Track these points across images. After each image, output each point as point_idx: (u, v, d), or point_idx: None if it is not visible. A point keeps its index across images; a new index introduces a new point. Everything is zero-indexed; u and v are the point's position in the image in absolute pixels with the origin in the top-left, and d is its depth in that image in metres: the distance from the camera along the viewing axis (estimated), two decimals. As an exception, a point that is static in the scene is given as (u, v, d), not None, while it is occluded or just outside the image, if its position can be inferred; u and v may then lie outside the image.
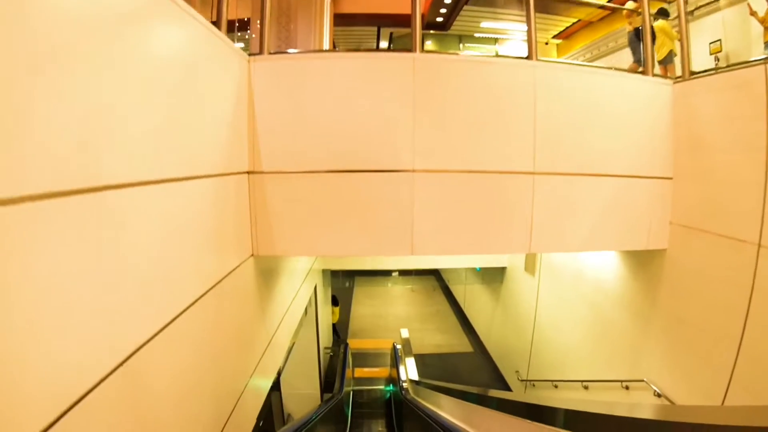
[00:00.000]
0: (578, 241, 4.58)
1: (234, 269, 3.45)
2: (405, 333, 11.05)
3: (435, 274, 22.62)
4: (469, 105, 4.07)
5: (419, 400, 7.14)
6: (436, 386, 7.12)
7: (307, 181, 3.86)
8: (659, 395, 5.34)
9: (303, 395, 9.86)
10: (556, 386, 8.10)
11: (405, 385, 8.52)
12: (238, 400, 3.58)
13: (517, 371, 10.17)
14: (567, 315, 7.94)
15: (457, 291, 17.86)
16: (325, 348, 10.89)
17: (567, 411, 2.09)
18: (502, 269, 11.62)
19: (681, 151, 4.67)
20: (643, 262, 5.60)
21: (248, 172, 3.84)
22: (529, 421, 2.46)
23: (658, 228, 4.81)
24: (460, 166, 4.03)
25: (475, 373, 12.05)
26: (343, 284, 20.49)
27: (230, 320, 3.36)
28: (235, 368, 3.54)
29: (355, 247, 3.88)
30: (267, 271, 4.61)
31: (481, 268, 13.32)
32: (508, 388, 10.85)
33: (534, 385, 9.26)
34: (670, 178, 4.76)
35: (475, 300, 14.92)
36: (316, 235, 3.89)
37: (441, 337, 14.40)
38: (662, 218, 4.81)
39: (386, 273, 22.60)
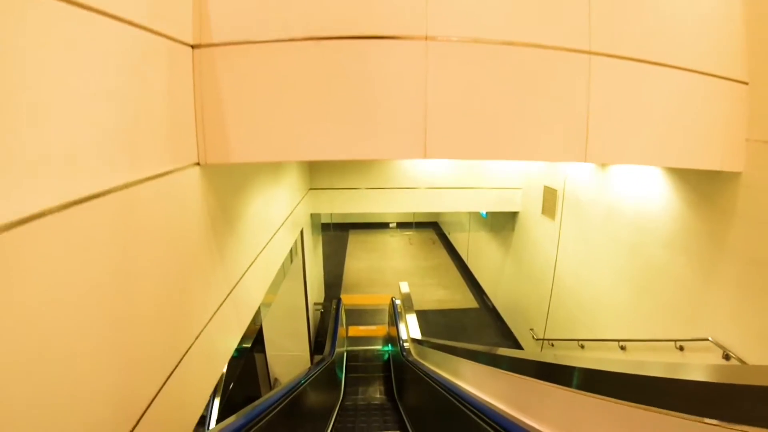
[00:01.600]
0: (644, 152, 3.40)
1: (161, 175, 2.27)
2: (405, 287, 10.01)
3: (434, 226, 21.64)
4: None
5: (425, 363, 6.14)
6: (442, 346, 6.09)
7: (279, 54, 2.62)
8: (728, 357, 4.36)
9: (291, 357, 8.90)
10: (582, 346, 7.12)
11: (406, 345, 7.53)
12: (180, 362, 2.48)
13: (531, 329, 9.22)
14: (597, 263, 6.87)
15: (460, 243, 16.83)
16: (315, 304, 9.86)
17: (628, 375, 1.71)
18: (513, 215, 10.49)
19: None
20: (706, 191, 4.57)
21: (193, 46, 2.58)
22: (578, 391, 2.01)
23: (731, 145, 3.69)
24: (493, 34, 2.77)
25: (481, 330, 11.13)
26: (335, 236, 19.45)
27: (154, 252, 2.21)
28: (171, 317, 2.41)
29: (347, 146, 2.65)
30: (226, 194, 3.44)
31: (488, 214, 12.18)
32: (519, 348, 9.94)
33: (553, 345, 8.31)
34: (746, 83, 3.61)
35: (480, 252, 13.88)
36: (291, 131, 2.66)
37: (443, 293, 13.45)
38: (737, 133, 3.68)
39: (382, 225, 21.59)
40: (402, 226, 21.79)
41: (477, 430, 2.83)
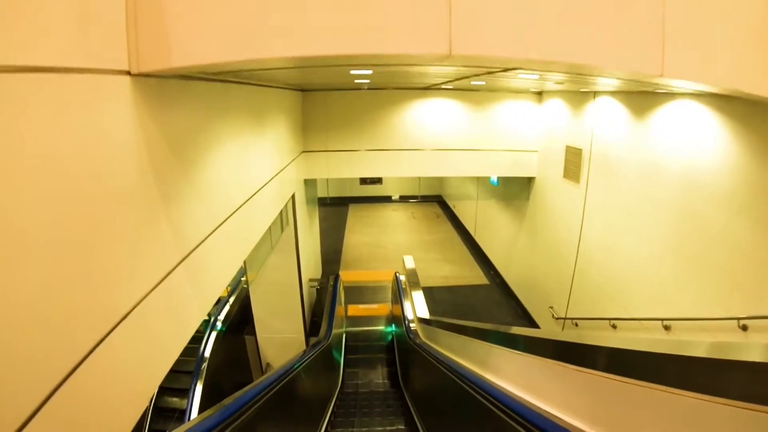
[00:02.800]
0: (729, 70, 2.55)
1: (60, 70, 1.47)
2: (410, 261, 9.22)
3: (438, 199, 20.78)
4: None
5: (436, 347, 5.38)
6: (456, 326, 5.33)
7: None
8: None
9: (284, 340, 8.15)
10: (614, 326, 6.34)
11: (413, 326, 6.77)
12: (91, 353, 1.68)
13: (551, 307, 8.44)
14: (633, 231, 6.06)
15: (466, 216, 16.00)
16: (311, 281, 9.07)
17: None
18: (528, 181, 9.64)
19: None
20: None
21: None
22: (636, 381, 1.65)
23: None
24: None
25: (492, 308, 10.38)
26: (333, 211, 18.64)
27: (39, 186, 1.40)
28: (65, 286, 1.58)
29: (334, 32, 1.78)
30: (180, 128, 2.62)
31: (499, 181, 11.30)
32: (536, 327, 9.20)
33: (577, 325, 7.54)
34: None
35: (489, 224, 13.06)
36: (255, 13, 1.80)
37: (449, 268, 12.69)
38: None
39: (383, 199, 20.75)
40: (404, 199, 20.94)
41: (501, 427, 2.41)
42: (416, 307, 7.21)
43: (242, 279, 9.47)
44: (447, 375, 4.16)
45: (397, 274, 8.97)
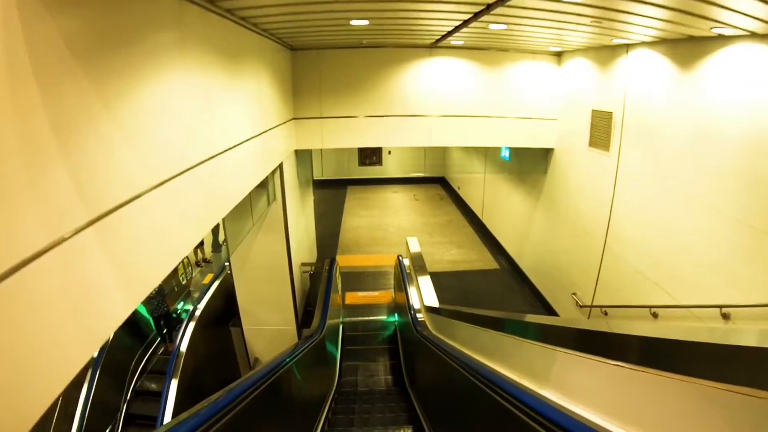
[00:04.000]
0: None
1: None
2: (414, 243, 8.39)
3: (441, 181, 19.94)
4: None
5: (448, 341, 4.59)
6: (473, 317, 4.54)
7: None
8: None
9: (274, 332, 7.37)
10: (655, 315, 5.54)
11: (420, 316, 5.96)
12: None
13: (574, 294, 7.65)
14: (680, 204, 5.30)
15: (472, 197, 15.13)
16: (303, 265, 8.22)
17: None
18: (545, 153, 8.77)
19: None
20: None
21: None
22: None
23: None
24: None
25: (505, 295, 9.58)
26: (331, 194, 17.81)
27: None
28: None
29: None
30: (94, 30, 1.80)
31: (511, 155, 10.41)
32: (555, 315, 8.41)
33: (606, 314, 6.74)
34: None
35: (499, 204, 12.22)
36: None
37: (456, 252, 11.87)
38: None
39: (383, 181, 19.91)
40: (405, 181, 20.05)
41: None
42: (423, 294, 6.38)
43: (227, 264, 8.65)
44: (462, 373, 3.42)
45: (401, 258, 8.14)
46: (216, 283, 8.23)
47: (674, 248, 5.37)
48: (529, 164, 9.54)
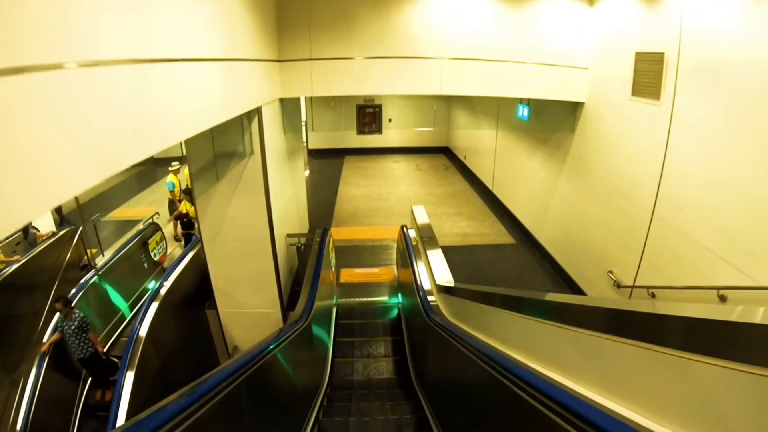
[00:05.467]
0: None
1: None
2: (421, 213, 7.27)
3: (445, 151, 18.83)
4: None
5: (470, 332, 3.52)
6: (497, 298, 3.52)
7: None
8: None
9: (255, 316, 6.31)
10: (722, 297, 4.48)
11: (431, 299, 4.87)
12: None
13: (610, 272, 6.60)
14: (753, 161, 4.20)
15: (481, 166, 13.98)
16: (289, 236, 7.07)
17: None
18: (574, 108, 7.63)
19: None
20: None
21: None
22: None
23: None
24: None
25: (523, 273, 8.53)
26: (327, 164, 16.67)
27: None
28: None
29: None
30: None
31: (530, 112, 9.20)
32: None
33: (654, 295, 5.68)
34: None
35: (513, 172, 11.08)
36: None
37: (466, 225, 10.77)
38: None
39: (383, 151, 18.76)
40: (407, 151, 18.87)
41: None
42: (434, 271, 5.29)
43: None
44: (493, 375, 2.53)
45: (405, 229, 7.02)
46: (189, 255, 7.13)
47: (750, 215, 4.28)
48: (554, 122, 8.39)
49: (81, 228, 9.68)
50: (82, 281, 7.16)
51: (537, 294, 3.17)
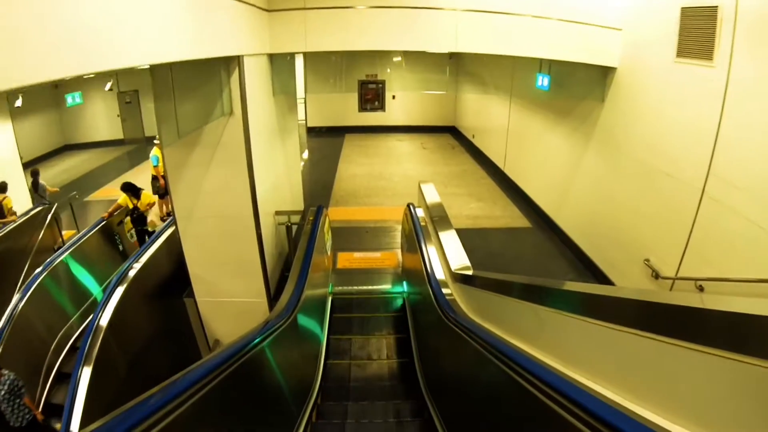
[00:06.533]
0: None
1: None
2: (430, 190, 6.46)
3: (451, 131, 17.95)
4: None
5: (506, 341, 2.74)
6: (541, 291, 2.76)
7: None
8: None
9: (238, 307, 5.55)
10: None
11: (447, 292, 4.05)
12: None
13: (647, 260, 5.81)
14: None
15: (491, 145, 13.12)
16: (278, 214, 6.21)
17: None
18: (603, 74, 6.81)
19: None
20: None
21: None
22: None
23: None
24: None
25: (544, 260, 7.74)
26: (326, 142, 15.84)
27: None
28: None
29: None
30: None
31: (551, 81, 8.31)
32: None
33: (702, 288, 4.89)
34: None
35: (528, 149, 10.23)
36: None
37: (477, 206, 9.97)
38: None
39: (386, 129, 17.88)
40: (411, 130, 17.95)
41: None
42: (448, 256, 4.49)
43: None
44: (550, 406, 1.83)
45: (412, 207, 6.20)
46: (165, 234, 6.33)
47: None
48: (579, 91, 7.52)
49: (55, 206, 8.95)
50: (47, 261, 6.40)
51: (598, 288, 2.39)
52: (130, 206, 8.25)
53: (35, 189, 9.79)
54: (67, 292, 6.56)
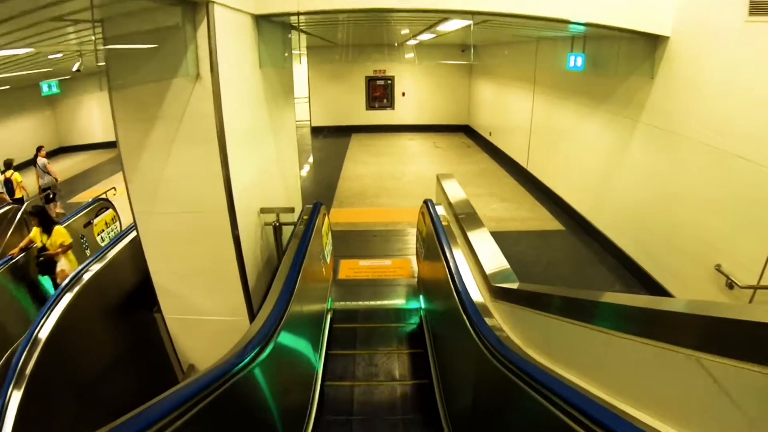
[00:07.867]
0: None
1: None
2: (453, 185, 5.39)
3: (465, 130, 17.04)
4: None
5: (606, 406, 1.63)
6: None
7: None
8: None
9: (214, 326, 4.49)
10: None
11: (490, 323, 2.89)
12: None
13: (718, 266, 4.73)
14: None
15: (512, 142, 12.06)
16: (264, 212, 5.06)
17: None
18: (651, 46, 5.79)
19: None
20: None
21: None
22: None
23: None
24: None
25: (583, 267, 6.65)
26: (332, 142, 14.90)
27: None
28: None
29: None
30: None
31: (585, 57, 7.18)
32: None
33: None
34: None
35: (557, 143, 9.16)
36: None
37: (500, 207, 8.90)
38: None
39: (394, 129, 16.97)
40: (421, 129, 16.98)
41: None
42: (484, 265, 3.40)
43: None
44: None
45: (430, 204, 5.11)
46: (131, 236, 5.29)
47: None
48: (622, 68, 6.47)
49: (24, 206, 8.04)
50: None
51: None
52: (39, 244, 6.08)
53: (34, 164, 10.36)
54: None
